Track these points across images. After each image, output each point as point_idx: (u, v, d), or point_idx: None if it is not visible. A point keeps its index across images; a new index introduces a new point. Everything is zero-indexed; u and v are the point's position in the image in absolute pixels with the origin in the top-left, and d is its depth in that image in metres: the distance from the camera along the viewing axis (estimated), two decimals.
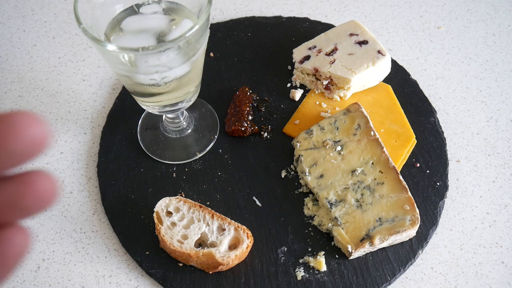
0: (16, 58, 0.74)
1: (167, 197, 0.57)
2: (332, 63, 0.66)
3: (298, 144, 0.62)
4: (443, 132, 0.65)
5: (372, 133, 0.60)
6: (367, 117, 0.61)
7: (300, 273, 0.54)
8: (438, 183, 0.61)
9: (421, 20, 0.79)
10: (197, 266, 0.54)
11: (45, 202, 0.20)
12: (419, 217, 0.54)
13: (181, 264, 0.55)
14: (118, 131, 0.66)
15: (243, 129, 0.64)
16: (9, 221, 0.20)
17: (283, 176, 0.62)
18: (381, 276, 0.54)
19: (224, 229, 0.55)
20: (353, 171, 0.58)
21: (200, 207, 0.57)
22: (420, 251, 0.56)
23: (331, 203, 0.56)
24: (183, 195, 0.60)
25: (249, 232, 0.55)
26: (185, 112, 0.65)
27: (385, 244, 0.54)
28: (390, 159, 0.58)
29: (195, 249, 0.53)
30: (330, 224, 0.56)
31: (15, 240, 0.20)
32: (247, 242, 0.54)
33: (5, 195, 0.19)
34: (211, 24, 0.76)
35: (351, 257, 0.55)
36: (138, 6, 0.51)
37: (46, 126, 0.19)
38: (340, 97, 0.67)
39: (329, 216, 0.57)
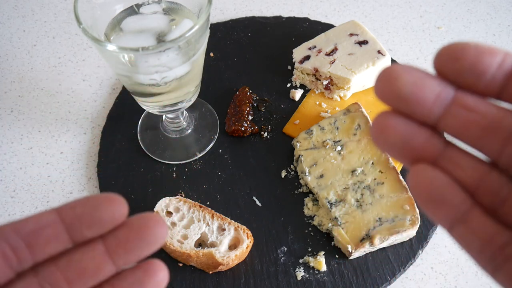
0: (16, 58, 0.74)
1: (167, 197, 0.57)
2: (332, 63, 0.66)
3: (298, 144, 0.62)
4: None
5: None
6: (367, 117, 0.61)
7: (300, 273, 0.54)
8: None
9: (421, 20, 0.79)
10: (197, 266, 0.54)
11: (161, 286, 0.23)
12: (419, 217, 0.54)
13: (181, 264, 0.55)
14: (118, 131, 0.66)
15: (243, 129, 0.64)
16: None
17: (283, 176, 0.62)
18: (381, 276, 0.54)
19: (224, 229, 0.55)
20: (353, 171, 0.58)
21: (200, 207, 0.57)
22: (420, 251, 0.56)
23: (331, 203, 0.56)
24: (183, 195, 0.60)
25: (249, 232, 0.55)
26: (185, 112, 0.65)
27: (385, 244, 0.54)
28: (390, 159, 0.58)
29: (195, 249, 0.53)
30: (330, 224, 0.56)
31: None
32: (247, 242, 0.54)
33: (131, 282, 0.23)
34: (211, 24, 0.76)
35: (351, 257, 0.55)
36: (138, 6, 0.51)
37: (165, 225, 0.23)
38: (340, 97, 0.67)
39: (329, 216, 0.57)
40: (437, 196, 0.20)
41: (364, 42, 0.67)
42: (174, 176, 0.62)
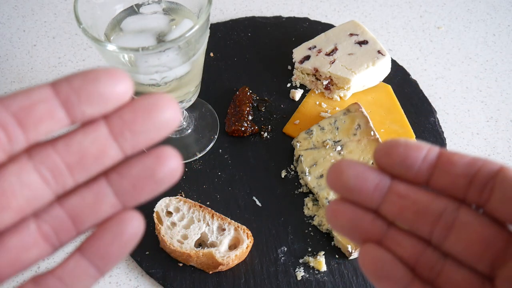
0: (16, 58, 0.74)
1: (167, 197, 0.57)
2: (332, 63, 0.66)
3: (298, 144, 0.62)
4: (443, 132, 0.65)
5: (372, 133, 0.60)
6: (367, 117, 0.61)
7: (300, 273, 0.54)
8: None
9: (421, 20, 0.79)
10: (197, 266, 0.54)
11: (174, 176, 0.21)
12: None
13: (181, 264, 0.55)
14: None
15: (243, 129, 0.64)
16: (128, 205, 0.21)
17: (283, 176, 0.62)
18: None
19: (224, 229, 0.55)
20: None
21: (200, 207, 0.57)
22: None
23: None
24: (183, 195, 0.60)
25: (249, 232, 0.55)
26: (185, 112, 0.65)
27: None
28: None
29: (195, 249, 0.53)
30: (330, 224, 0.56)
31: (132, 223, 0.21)
32: (247, 242, 0.54)
33: (142, 169, 0.21)
34: (211, 24, 0.76)
35: (351, 257, 0.55)
36: (138, 6, 0.51)
37: (178, 108, 0.20)
38: (340, 97, 0.67)
39: None
40: (382, 272, 0.23)
41: (364, 42, 0.67)
42: None
